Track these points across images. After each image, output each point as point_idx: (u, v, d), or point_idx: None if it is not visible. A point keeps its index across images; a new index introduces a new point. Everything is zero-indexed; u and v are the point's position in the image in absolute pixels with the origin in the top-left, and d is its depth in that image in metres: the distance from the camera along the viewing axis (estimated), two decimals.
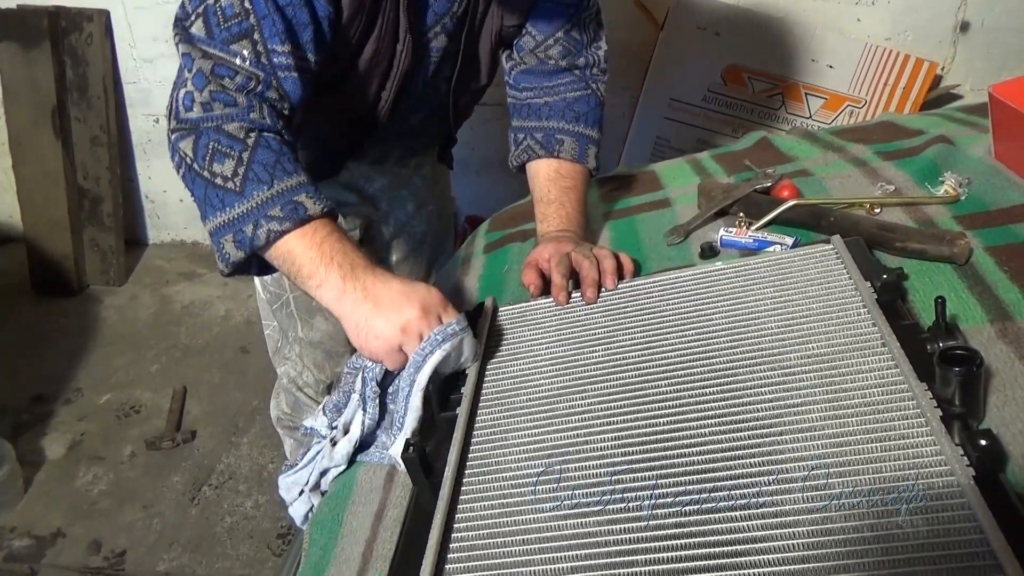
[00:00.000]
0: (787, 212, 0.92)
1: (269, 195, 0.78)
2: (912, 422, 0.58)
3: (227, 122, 0.80)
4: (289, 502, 0.82)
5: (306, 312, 1.25)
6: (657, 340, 0.74)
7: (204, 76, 0.80)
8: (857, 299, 0.70)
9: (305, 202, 0.78)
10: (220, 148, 0.79)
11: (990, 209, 0.86)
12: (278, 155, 0.80)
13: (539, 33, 1.04)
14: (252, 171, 0.79)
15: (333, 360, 1.33)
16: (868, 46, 1.95)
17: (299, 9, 0.82)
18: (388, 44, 0.92)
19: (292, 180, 0.79)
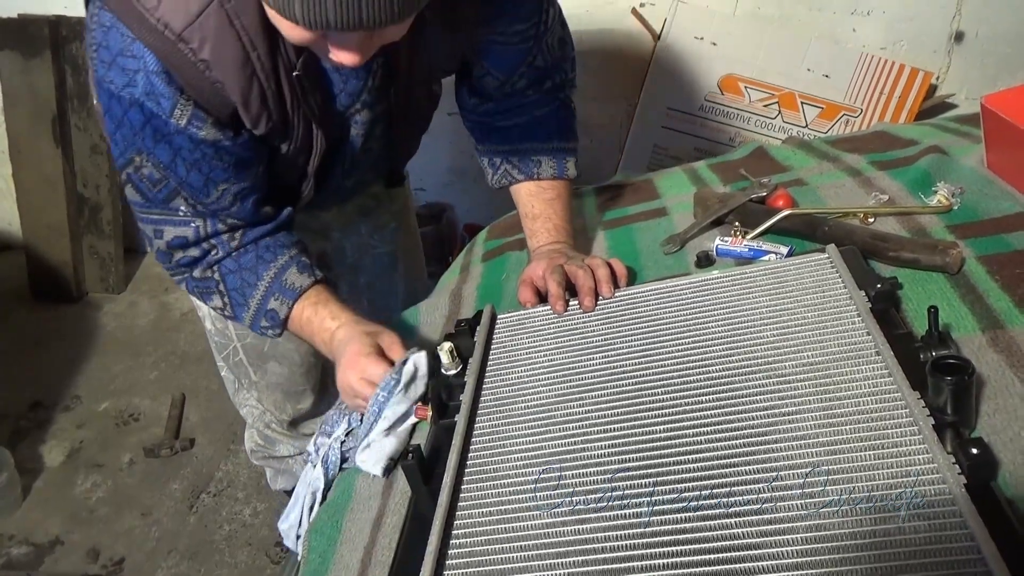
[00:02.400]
0: (782, 221, 0.93)
1: (252, 314, 0.92)
2: (905, 430, 0.58)
3: (193, 270, 0.91)
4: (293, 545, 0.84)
5: (257, 358, 1.24)
6: (654, 348, 0.75)
7: (158, 238, 0.89)
8: (852, 308, 0.71)
9: (277, 308, 0.90)
10: (202, 290, 0.93)
11: (982, 219, 0.87)
12: (240, 275, 0.91)
13: (501, 73, 0.99)
14: (233, 300, 0.92)
15: (293, 398, 1.31)
16: (863, 56, 1.97)
17: (210, 161, 0.83)
18: (304, 137, 0.90)
19: (261, 291, 0.90)
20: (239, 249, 0.91)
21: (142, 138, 0.81)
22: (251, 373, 1.26)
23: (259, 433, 1.41)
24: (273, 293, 0.90)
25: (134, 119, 0.80)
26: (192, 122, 0.80)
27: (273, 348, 1.22)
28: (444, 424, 0.73)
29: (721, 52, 2.00)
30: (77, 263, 2.45)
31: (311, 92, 0.85)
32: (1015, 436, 0.59)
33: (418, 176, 2.40)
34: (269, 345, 1.22)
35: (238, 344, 1.22)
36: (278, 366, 1.25)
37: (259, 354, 1.23)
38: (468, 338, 0.82)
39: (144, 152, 0.82)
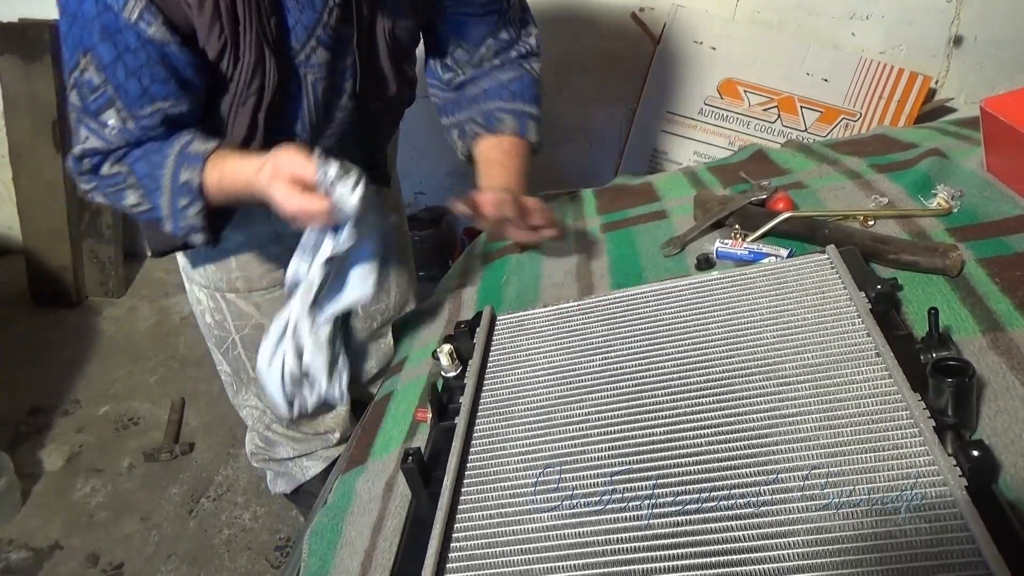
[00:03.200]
0: (782, 224, 0.93)
1: (169, 197, 0.90)
2: (905, 432, 0.58)
3: (101, 168, 0.90)
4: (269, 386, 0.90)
5: (255, 351, 1.20)
6: (654, 349, 0.75)
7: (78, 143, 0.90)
8: (852, 309, 0.71)
9: (190, 177, 0.88)
10: (114, 189, 0.91)
11: (982, 221, 0.87)
12: (149, 158, 0.89)
13: (469, 44, 1.08)
14: (146, 188, 0.90)
15: None
16: (863, 60, 1.97)
17: (153, 68, 0.84)
18: (255, 65, 0.88)
19: (170, 168, 0.89)
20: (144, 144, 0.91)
21: (90, 33, 0.82)
22: (249, 368, 1.27)
23: (259, 435, 1.41)
24: (181, 165, 0.89)
25: (87, 10, 0.81)
26: (143, 16, 0.81)
27: None
28: (444, 426, 0.73)
29: (720, 56, 2.00)
30: (77, 267, 2.45)
31: (266, 13, 0.86)
32: (1016, 438, 0.59)
33: (418, 180, 2.40)
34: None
35: (236, 336, 1.23)
36: None
37: (257, 346, 1.22)
38: (468, 340, 0.82)
39: (90, 51, 0.83)
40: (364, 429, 0.88)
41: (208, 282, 1.19)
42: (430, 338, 0.98)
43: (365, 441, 0.85)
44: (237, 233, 1.14)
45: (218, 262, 1.16)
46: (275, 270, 1.18)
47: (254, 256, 1.16)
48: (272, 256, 1.17)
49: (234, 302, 1.20)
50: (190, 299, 1.27)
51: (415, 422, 0.82)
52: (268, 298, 1.20)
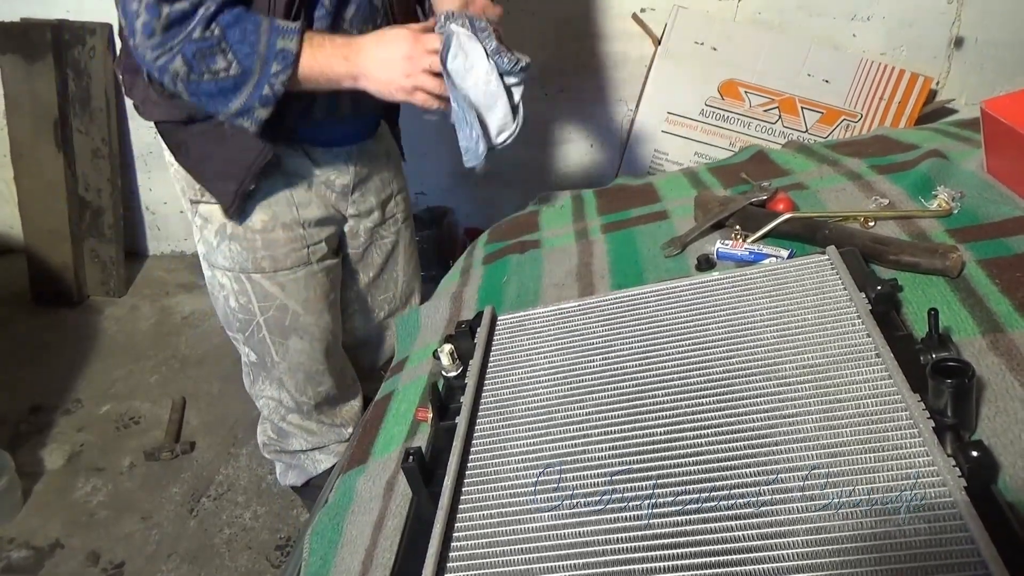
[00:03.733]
0: (783, 225, 0.94)
1: (262, 63, 0.93)
2: (905, 432, 0.58)
3: (191, 30, 0.91)
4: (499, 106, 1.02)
5: (279, 335, 1.27)
6: (655, 350, 0.75)
7: (154, 2, 0.89)
8: (852, 310, 0.71)
9: (287, 45, 0.94)
10: (204, 52, 0.92)
11: (982, 223, 0.87)
12: (240, 24, 0.92)
13: None
14: (238, 53, 0.93)
15: (314, 381, 1.34)
16: (863, 61, 1.98)
17: None
18: None
19: (263, 33, 0.93)
20: (227, 5, 0.93)
21: None
22: (273, 352, 1.28)
23: (272, 426, 1.42)
24: (277, 33, 0.93)
25: None
26: None
27: (295, 321, 1.25)
28: (444, 426, 0.73)
29: (721, 57, 2.00)
30: (78, 267, 2.46)
31: None
32: (1015, 439, 0.59)
33: (419, 180, 2.40)
34: (291, 318, 1.24)
35: (261, 319, 1.24)
36: (299, 341, 1.27)
37: (281, 329, 1.25)
38: (468, 340, 0.82)
39: None
40: (365, 428, 0.89)
41: (233, 264, 1.20)
42: (431, 338, 0.99)
43: (366, 440, 0.85)
44: (263, 212, 1.16)
45: (244, 241, 1.18)
46: (299, 249, 1.21)
47: (279, 235, 1.18)
48: (296, 236, 1.20)
49: (259, 282, 1.22)
50: (210, 287, 1.28)
51: (416, 422, 0.82)
52: (292, 278, 1.22)
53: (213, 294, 1.28)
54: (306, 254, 1.22)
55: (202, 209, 1.18)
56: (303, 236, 1.20)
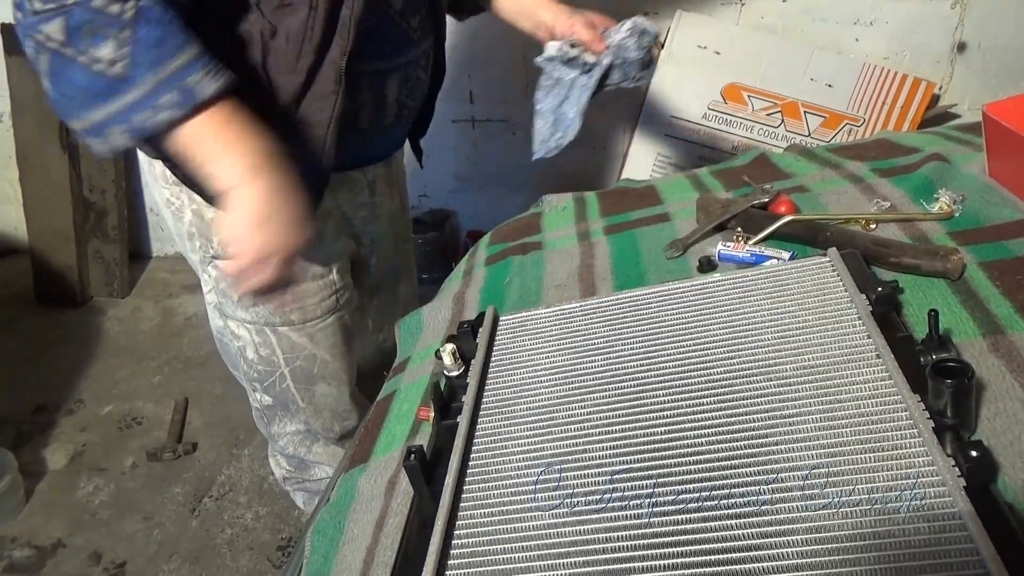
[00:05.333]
0: (784, 227, 0.94)
1: (158, 81, 0.71)
2: (905, 433, 0.58)
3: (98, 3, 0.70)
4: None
5: (306, 382, 1.19)
6: (656, 350, 0.75)
7: None
8: (852, 311, 0.72)
9: (199, 84, 0.72)
10: (96, 28, 0.70)
11: (983, 225, 0.87)
12: (163, 28, 0.72)
13: None
14: (136, 53, 0.71)
15: (340, 417, 1.29)
16: (866, 65, 1.98)
17: None
18: None
19: (182, 57, 0.72)
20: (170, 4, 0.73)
21: None
22: (298, 399, 1.22)
23: (290, 460, 1.37)
24: (200, 65, 0.73)
25: None
26: None
27: (323, 369, 1.19)
28: (446, 425, 0.73)
29: (724, 61, 2.01)
30: (82, 268, 2.47)
31: None
32: (1015, 440, 0.59)
33: (422, 183, 2.41)
34: (319, 366, 1.18)
35: (285, 370, 1.17)
36: (327, 387, 1.22)
37: (308, 377, 1.18)
38: (470, 340, 0.83)
39: None
40: (367, 428, 0.89)
41: (256, 318, 1.11)
42: (433, 338, 0.99)
43: (368, 440, 0.86)
44: None
45: None
46: (328, 297, 1.14)
47: (309, 287, 1.11)
48: (327, 284, 1.14)
49: (286, 335, 1.14)
50: (219, 335, 1.21)
51: (418, 421, 0.83)
52: (321, 327, 1.16)
53: (223, 342, 1.21)
54: (335, 301, 1.15)
55: (213, 248, 1.08)
56: (333, 283, 1.13)
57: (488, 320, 0.86)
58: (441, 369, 0.81)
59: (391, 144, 1.20)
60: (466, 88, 2.21)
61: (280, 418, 1.29)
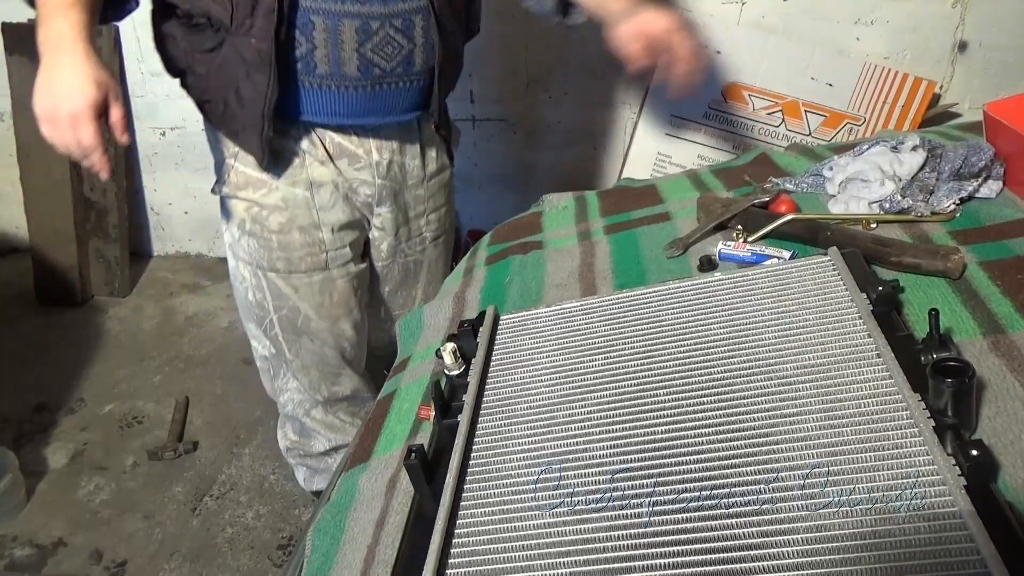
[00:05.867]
0: (785, 226, 0.94)
1: None
2: (905, 432, 0.58)
3: None
4: None
5: (291, 333, 1.27)
6: (656, 350, 0.75)
7: None
8: (853, 310, 0.72)
9: None
10: None
11: (985, 225, 0.87)
12: None
13: None
14: None
15: (329, 378, 1.33)
16: (867, 65, 1.98)
17: None
18: None
19: None
20: None
21: None
22: (286, 350, 1.29)
23: (295, 427, 1.41)
24: None
25: None
26: None
27: (306, 324, 1.25)
28: (447, 424, 0.73)
29: (725, 60, 2.00)
30: (83, 267, 2.47)
31: None
32: (1015, 439, 0.59)
33: None
34: (302, 320, 1.25)
35: (274, 316, 1.25)
36: (310, 343, 1.28)
37: (293, 328, 1.26)
38: (471, 339, 0.83)
39: None
40: (367, 427, 0.89)
41: (251, 259, 1.22)
42: (433, 338, 0.99)
43: (368, 439, 0.86)
44: (280, 214, 1.17)
45: (260, 239, 1.19)
46: (317, 254, 1.20)
47: (296, 238, 1.19)
48: (314, 240, 1.20)
49: (274, 281, 1.23)
50: (232, 276, 1.29)
51: (418, 420, 0.83)
52: (307, 282, 1.22)
53: (235, 284, 1.29)
54: (324, 259, 1.21)
55: (226, 189, 1.18)
56: (321, 241, 1.20)
57: (488, 319, 0.86)
58: (442, 368, 0.81)
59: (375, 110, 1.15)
60: (467, 87, 2.21)
61: (278, 372, 1.35)
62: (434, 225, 1.34)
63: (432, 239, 1.35)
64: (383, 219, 1.26)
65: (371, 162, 1.20)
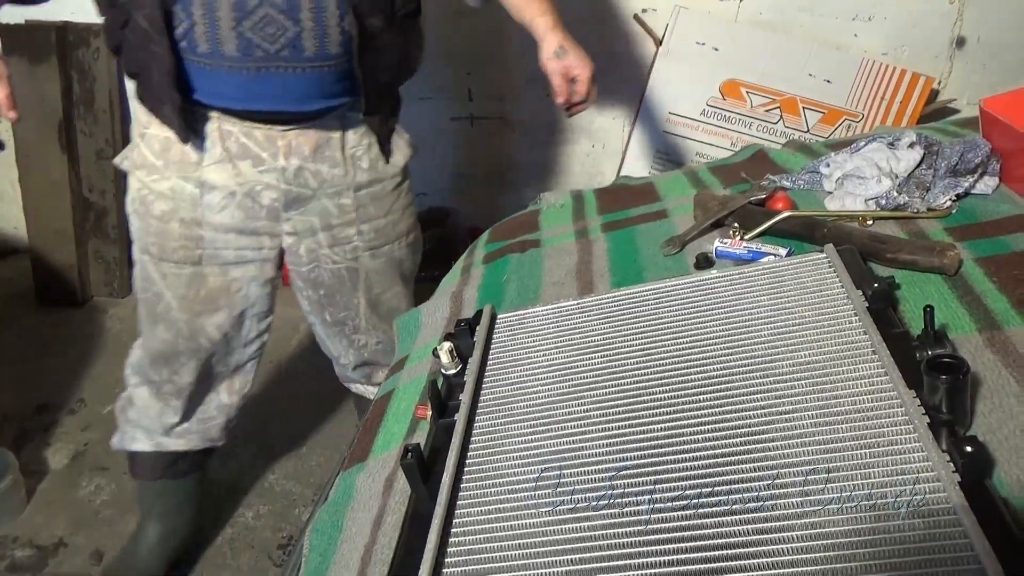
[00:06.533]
0: (781, 223, 0.94)
1: None
2: (901, 428, 0.59)
3: None
4: None
5: (149, 317, 1.30)
6: (653, 347, 0.75)
7: None
8: (849, 307, 0.72)
9: None
10: None
11: (981, 221, 0.87)
12: None
13: None
14: None
15: (170, 368, 1.34)
16: (865, 61, 1.98)
17: None
18: None
19: None
20: None
21: None
22: (144, 326, 1.33)
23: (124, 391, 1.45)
24: None
25: None
26: None
27: (166, 312, 1.27)
28: (443, 423, 0.73)
29: (723, 57, 2.01)
30: (82, 267, 2.47)
31: None
32: (1010, 434, 0.59)
33: (421, 181, 2.41)
34: (162, 306, 1.27)
35: (140, 296, 1.30)
36: (165, 332, 1.30)
37: (152, 314, 1.29)
38: (468, 338, 0.83)
39: None
40: (365, 427, 0.89)
41: (135, 236, 1.26)
42: (431, 337, 0.99)
43: (366, 438, 0.86)
44: (164, 202, 1.18)
45: (143, 220, 1.22)
46: (191, 249, 1.21)
47: (174, 228, 1.20)
48: (192, 235, 1.20)
49: (144, 264, 1.26)
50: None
51: (416, 420, 0.83)
52: (175, 272, 1.23)
53: None
54: (199, 255, 1.21)
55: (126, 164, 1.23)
56: (200, 237, 1.19)
57: (485, 318, 0.86)
58: (438, 368, 0.81)
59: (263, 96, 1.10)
60: (464, 85, 2.21)
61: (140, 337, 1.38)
62: (370, 236, 1.28)
63: (368, 249, 1.29)
64: (295, 224, 1.23)
65: (276, 166, 1.17)
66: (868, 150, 1.00)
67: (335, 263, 1.29)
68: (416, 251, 1.42)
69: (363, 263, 1.31)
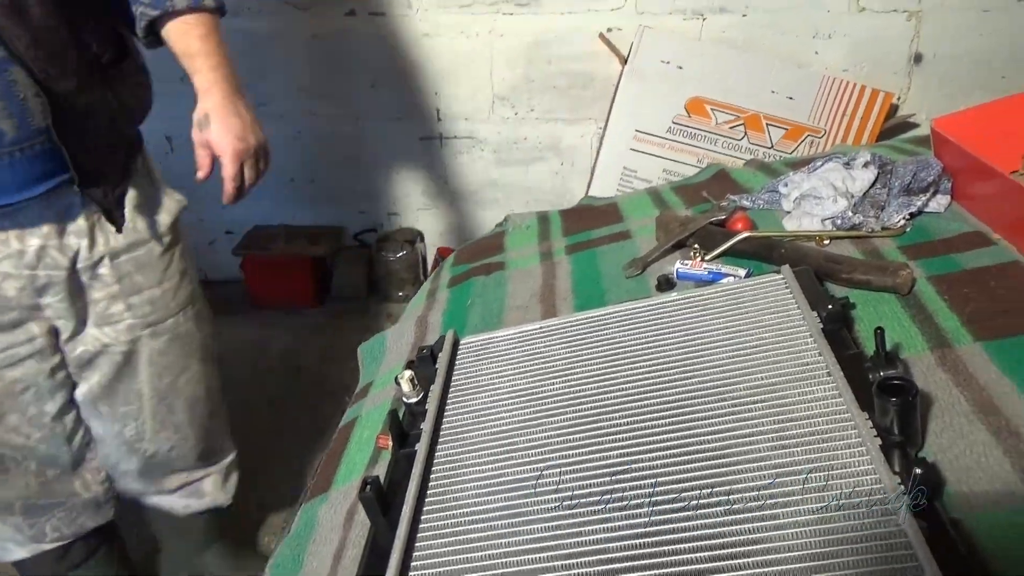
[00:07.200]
0: (740, 244, 0.95)
1: None
2: (854, 451, 0.59)
3: None
4: None
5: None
6: (613, 372, 0.76)
7: None
8: (804, 329, 0.72)
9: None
10: None
11: (934, 239, 0.89)
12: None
13: None
14: None
15: None
16: (826, 78, 2.01)
17: None
18: None
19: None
20: None
21: None
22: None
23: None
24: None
25: None
26: None
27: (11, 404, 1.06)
28: (404, 453, 0.73)
29: (688, 75, 2.03)
30: None
31: None
32: (960, 454, 0.60)
33: (391, 200, 2.41)
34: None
35: None
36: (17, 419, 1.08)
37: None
38: (430, 365, 0.83)
39: None
40: (328, 456, 0.88)
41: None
42: (396, 362, 0.99)
43: (329, 469, 0.85)
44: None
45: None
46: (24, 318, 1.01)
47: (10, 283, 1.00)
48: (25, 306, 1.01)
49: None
50: None
51: (378, 449, 0.82)
52: None
53: None
54: (35, 329, 1.03)
55: None
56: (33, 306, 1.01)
57: (448, 344, 0.85)
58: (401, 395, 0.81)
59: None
60: (433, 106, 2.22)
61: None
62: (143, 310, 1.10)
63: (145, 326, 1.11)
64: (54, 309, 1.04)
65: (9, 252, 0.98)
66: (824, 170, 1.02)
67: (107, 347, 1.09)
68: (206, 322, 1.22)
69: (143, 345, 1.12)
